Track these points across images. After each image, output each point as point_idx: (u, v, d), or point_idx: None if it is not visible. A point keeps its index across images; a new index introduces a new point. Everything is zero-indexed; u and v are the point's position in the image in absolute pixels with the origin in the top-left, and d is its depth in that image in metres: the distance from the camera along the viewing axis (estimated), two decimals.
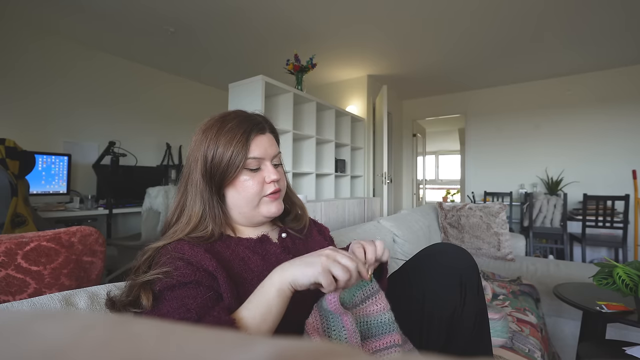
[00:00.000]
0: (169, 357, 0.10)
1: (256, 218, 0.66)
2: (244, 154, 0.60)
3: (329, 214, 2.12)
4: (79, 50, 3.04)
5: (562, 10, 2.44)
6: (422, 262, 0.69)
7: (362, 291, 0.56)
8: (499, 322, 1.06)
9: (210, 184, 0.61)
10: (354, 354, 0.11)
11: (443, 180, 8.71)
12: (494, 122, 4.34)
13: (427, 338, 0.64)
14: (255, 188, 0.63)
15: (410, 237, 1.74)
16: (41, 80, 2.78)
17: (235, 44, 3.10)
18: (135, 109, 3.51)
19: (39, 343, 0.10)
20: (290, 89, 2.53)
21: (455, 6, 2.42)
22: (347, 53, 3.29)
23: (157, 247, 0.58)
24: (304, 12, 2.52)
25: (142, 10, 2.48)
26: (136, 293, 0.51)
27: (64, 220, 2.38)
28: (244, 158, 0.60)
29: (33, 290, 0.63)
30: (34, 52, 2.74)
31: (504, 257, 2.13)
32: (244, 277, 0.57)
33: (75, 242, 0.71)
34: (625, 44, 3.01)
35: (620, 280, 1.10)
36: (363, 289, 0.56)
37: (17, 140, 1.60)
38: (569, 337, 1.64)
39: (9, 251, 0.61)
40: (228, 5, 2.41)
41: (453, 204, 2.41)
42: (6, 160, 1.49)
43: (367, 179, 3.79)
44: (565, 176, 3.79)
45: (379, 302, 0.56)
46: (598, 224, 3.04)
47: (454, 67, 3.63)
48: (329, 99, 4.00)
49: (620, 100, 3.59)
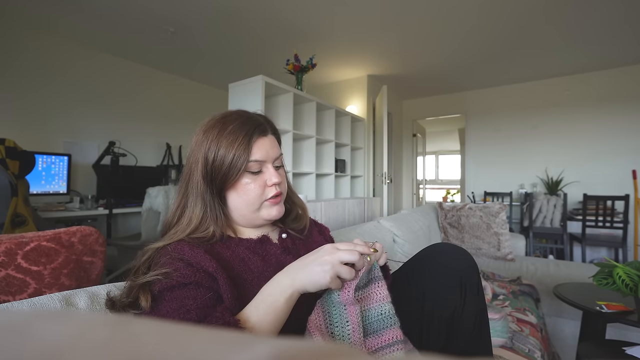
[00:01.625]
0: (169, 357, 0.10)
1: (257, 221, 0.66)
2: (246, 157, 0.60)
3: (329, 214, 2.12)
4: (78, 50, 3.04)
5: (562, 9, 2.44)
6: (422, 262, 0.69)
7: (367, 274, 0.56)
8: (499, 322, 1.06)
9: (211, 186, 0.61)
10: (355, 354, 0.11)
11: (443, 180, 8.71)
12: (494, 122, 4.34)
13: (427, 338, 0.64)
14: (257, 191, 0.63)
15: (410, 237, 1.74)
16: (41, 80, 2.78)
17: (235, 44, 3.10)
18: (135, 109, 3.51)
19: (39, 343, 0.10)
20: (290, 89, 2.53)
21: (455, 6, 2.42)
22: (347, 53, 3.29)
23: (157, 247, 0.57)
24: (303, 12, 2.52)
25: (141, 10, 2.48)
26: (135, 294, 0.51)
27: (64, 220, 2.38)
28: (245, 161, 0.60)
29: (33, 290, 0.63)
30: (33, 51, 2.74)
31: (504, 257, 2.13)
32: (244, 277, 0.57)
33: (75, 242, 0.71)
34: (626, 42, 3.00)
35: (620, 280, 1.10)
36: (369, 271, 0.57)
37: (17, 140, 1.60)
38: (569, 337, 1.64)
39: (9, 251, 0.61)
40: (228, 5, 2.41)
41: (453, 204, 2.41)
42: (6, 160, 1.49)
43: (367, 179, 3.79)
44: (565, 176, 3.79)
45: (381, 289, 0.56)
46: (598, 224, 3.04)
47: (454, 67, 3.63)
48: (329, 99, 4.00)
49: (620, 100, 3.59)
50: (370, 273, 0.57)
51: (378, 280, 0.57)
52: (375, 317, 0.55)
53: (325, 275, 0.49)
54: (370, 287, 0.56)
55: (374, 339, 0.53)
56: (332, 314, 0.52)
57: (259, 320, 0.48)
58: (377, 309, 0.55)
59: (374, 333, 0.54)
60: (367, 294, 0.56)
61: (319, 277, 0.49)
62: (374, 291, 0.56)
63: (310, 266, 0.50)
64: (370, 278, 0.57)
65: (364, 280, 0.56)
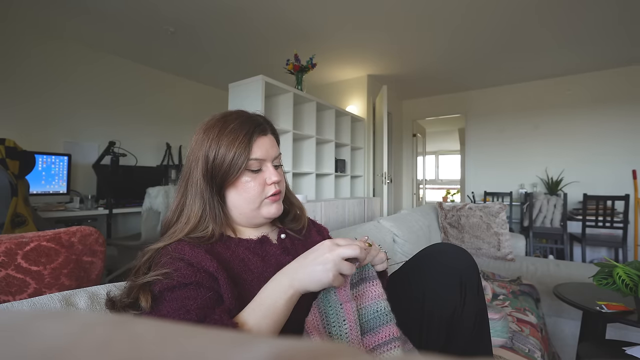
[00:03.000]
0: (169, 357, 0.10)
1: (256, 219, 0.66)
2: (247, 155, 0.60)
3: (329, 214, 2.12)
4: (81, 52, 3.04)
5: (562, 8, 2.44)
6: (422, 262, 0.69)
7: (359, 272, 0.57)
8: (499, 322, 1.06)
9: (211, 184, 0.61)
10: (354, 353, 0.11)
11: (443, 180, 8.71)
12: (494, 122, 4.34)
13: (427, 338, 0.64)
14: (257, 189, 0.63)
15: (410, 237, 1.74)
16: (41, 80, 2.78)
17: (235, 44, 3.10)
18: (135, 109, 3.51)
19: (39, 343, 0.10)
20: (290, 89, 2.53)
21: (455, 6, 2.42)
22: (347, 53, 3.29)
23: (157, 248, 0.57)
24: (304, 12, 2.53)
25: (141, 10, 2.48)
26: (135, 294, 0.51)
27: (64, 220, 2.38)
28: (246, 159, 0.60)
29: (33, 290, 0.63)
30: (36, 55, 2.75)
31: (504, 257, 2.13)
32: (243, 278, 0.57)
33: (75, 242, 0.71)
34: (628, 42, 3.00)
35: (620, 280, 1.10)
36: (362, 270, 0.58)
37: (17, 141, 1.60)
38: (569, 337, 1.64)
39: (9, 251, 0.61)
40: (228, 5, 2.41)
41: (453, 204, 2.41)
42: (6, 160, 1.49)
43: (367, 179, 3.79)
44: (565, 176, 3.79)
45: (376, 287, 0.56)
46: (598, 224, 3.04)
47: (454, 67, 3.63)
48: (329, 99, 4.00)
49: (620, 100, 3.59)
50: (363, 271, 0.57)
51: (373, 279, 0.57)
52: (372, 315, 0.55)
53: (327, 273, 0.49)
54: (365, 285, 0.57)
55: (371, 337, 0.54)
56: (329, 314, 0.53)
57: (256, 323, 0.48)
58: (373, 307, 0.55)
59: (370, 331, 0.54)
60: (363, 292, 0.57)
61: (322, 276, 0.49)
62: (369, 289, 0.57)
63: (311, 266, 0.50)
64: (365, 277, 0.57)
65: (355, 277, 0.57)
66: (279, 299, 0.50)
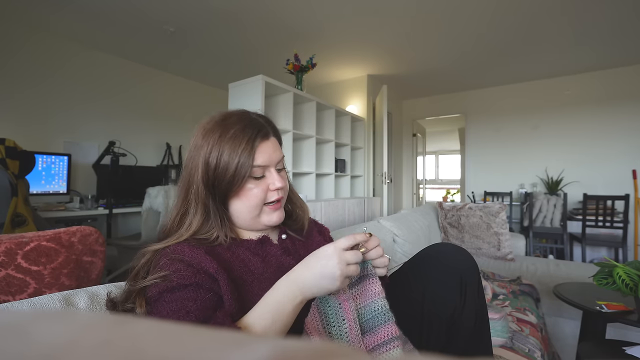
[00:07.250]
0: (169, 357, 0.10)
1: (257, 225, 0.65)
2: (250, 163, 0.58)
3: (329, 214, 2.12)
4: (78, 49, 3.04)
5: (561, 8, 2.44)
6: (422, 262, 0.69)
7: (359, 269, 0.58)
8: (499, 322, 1.06)
9: (213, 193, 0.59)
10: (354, 354, 0.11)
11: (443, 180, 8.71)
12: (494, 122, 4.34)
13: (427, 338, 0.64)
14: (260, 196, 0.62)
15: (410, 237, 1.74)
16: (41, 80, 2.78)
17: (235, 44, 3.09)
18: (135, 109, 3.50)
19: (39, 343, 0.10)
20: (290, 89, 2.53)
21: (455, 7, 2.41)
22: (347, 53, 3.29)
23: (155, 249, 0.57)
24: (304, 12, 2.52)
25: (141, 9, 2.48)
26: (134, 299, 0.51)
27: (64, 220, 2.38)
28: (249, 167, 0.58)
29: (33, 290, 0.63)
30: (32, 51, 2.73)
31: (504, 257, 2.13)
32: (244, 279, 0.57)
33: (75, 242, 0.71)
34: (627, 43, 3.00)
35: (620, 280, 1.10)
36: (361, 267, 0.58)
37: (17, 140, 1.60)
38: (569, 337, 1.64)
39: (9, 251, 0.61)
40: (228, 4, 2.41)
41: (453, 203, 2.41)
42: (6, 160, 1.49)
43: (367, 178, 3.79)
44: (565, 176, 3.79)
45: (375, 285, 0.57)
46: (598, 223, 3.04)
47: (454, 67, 3.63)
48: (329, 98, 4.00)
49: (620, 100, 3.59)
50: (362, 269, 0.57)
51: (371, 277, 0.57)
52: (370, 314, 0.55)
53: (335, 282, 0.50)
54: (363, 283, 0.57)
55: (371, 337, 0.54)
56: (328, 314, 0.53)
57: (265, 328, 0.48)
58: (371, 305, 0.55)
59: (369, 331, 0.54)
60: (361, 291, 0.57)
61: (331, 287, 0.50)
62: (367, 287, 0.57)
63: (321, 281, 0.50)
64: (363, 274, 0.57)
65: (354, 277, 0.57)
66: (288, 305, 0.50)
